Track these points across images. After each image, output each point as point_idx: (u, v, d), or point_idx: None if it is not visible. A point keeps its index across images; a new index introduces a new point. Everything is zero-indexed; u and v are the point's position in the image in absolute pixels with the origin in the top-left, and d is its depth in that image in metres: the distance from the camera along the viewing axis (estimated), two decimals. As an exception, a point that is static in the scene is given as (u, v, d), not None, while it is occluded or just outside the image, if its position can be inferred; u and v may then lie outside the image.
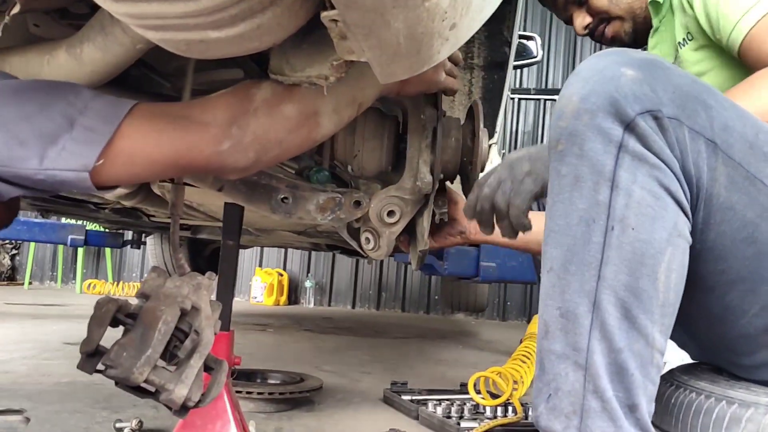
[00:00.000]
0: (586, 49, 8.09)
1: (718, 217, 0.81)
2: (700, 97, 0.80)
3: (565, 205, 0.80)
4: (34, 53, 0.93)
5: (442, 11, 0.59)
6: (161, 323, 0.86)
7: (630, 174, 0.76)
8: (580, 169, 0.79)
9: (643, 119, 0.76)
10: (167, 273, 0.96)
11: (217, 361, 0.99)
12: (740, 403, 0.86)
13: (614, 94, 0.76)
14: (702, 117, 0.79)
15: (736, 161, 0.80)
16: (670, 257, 0.78)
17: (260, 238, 3.28)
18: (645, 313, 0.78)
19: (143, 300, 0.92)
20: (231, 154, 0.81)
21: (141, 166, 0.76)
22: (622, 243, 0.77)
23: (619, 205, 0.76)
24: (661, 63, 0.81)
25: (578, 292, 0.79)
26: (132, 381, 0.84)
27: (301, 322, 5.28)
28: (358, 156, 1.23)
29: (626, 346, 0.77)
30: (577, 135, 0.78)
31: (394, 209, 1.16)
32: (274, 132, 0.84)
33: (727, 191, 0.80)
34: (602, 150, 0.77)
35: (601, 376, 0.77)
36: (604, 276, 0.77)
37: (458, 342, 4.56)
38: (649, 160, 0.76)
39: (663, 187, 0.77)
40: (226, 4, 0.60)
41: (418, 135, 1.18)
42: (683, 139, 0.78)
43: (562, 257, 0.81)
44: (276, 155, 0.87)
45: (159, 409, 1.95)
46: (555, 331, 0.81)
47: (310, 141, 0.90)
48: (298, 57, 0.81)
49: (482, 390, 2.16)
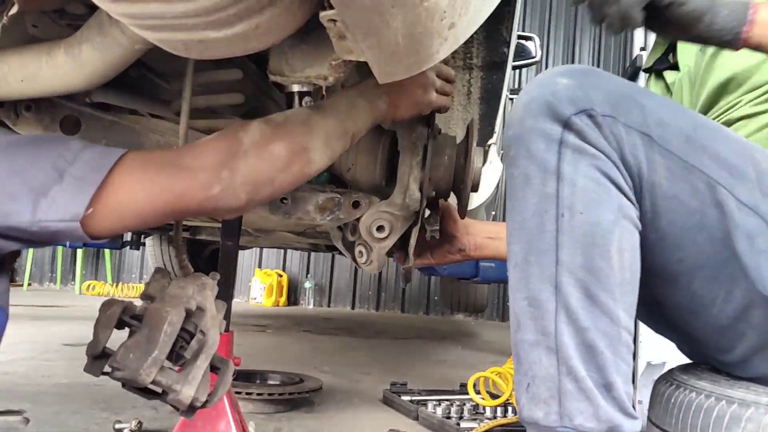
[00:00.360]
0: (584, 49, 8.10)
1: (664, 205, 0.86)
2: (634, 97, 0.85)
3: (519, 203, 0.86)
4: (33, 54, 0.93)
5: (440, 11, 0.59)
6: (167, 324, 0.86)
7: (572, 166, 0.82)
8: (528, 168, 0.85)
9: (578, 118, 0.82)
10: (171, 274, 0.96)
11: (223, 360, 0.99)
12: (740, 402, 0.86)
13: (550, 99, 0.84)
14: (635, 114, 0.84)
15: (673, 153, 0.85)
16: (620, 237, 0.82)
17: (259, 238, 3.27)
18: (605, 291, 0.81)
19: (148, 301, 0.92)
20: (222, 197, 0.82)
21: (132, 214, 0.78)
22: (573, 227, 0.82)
23: (566, 194, 0.82)
24: (595, 71, 0.88)
25: (540, 279, 0.83)
26: (139, 382, 0.84)
27: (300, 323, 5.28)
28: (352, 169, 1.23)
29: (592, 324, 0.81)
30: (523, 138, 0.85)
31: (383, 224, 1.15)
32: (265, 172, 0.85)
33: (668, 181, 0.85)
34: (545, 148, 0.83)
35: (572, 357, 0.80)
36: (561, 260, 0.82)
37: (458, 342, 4.56)
38: (588, 152, 0.82)
39: (604, 174, 0.82)
40: (225, 4, 0.60)
41: (410, 152, 1.18)
42: (619, 133, 0.83)
43: (522, 251, 0.85)
44: (269, 193, 0.87)
45: (158, 410, 1.95)
46: (525, 321, 0.84)
47: (303, 176, 0.91)
48: (297, 57, 0.81)
49: (482, 390, 2.16)
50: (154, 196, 0.78)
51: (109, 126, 1.14)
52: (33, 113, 1.11)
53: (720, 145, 0.87)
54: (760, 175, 0.86)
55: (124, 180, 0.76)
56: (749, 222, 0.85)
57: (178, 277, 0.96)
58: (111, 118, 1.15)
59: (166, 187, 0.79)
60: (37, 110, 1.11)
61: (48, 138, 0.78)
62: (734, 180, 0.85)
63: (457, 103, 1.99)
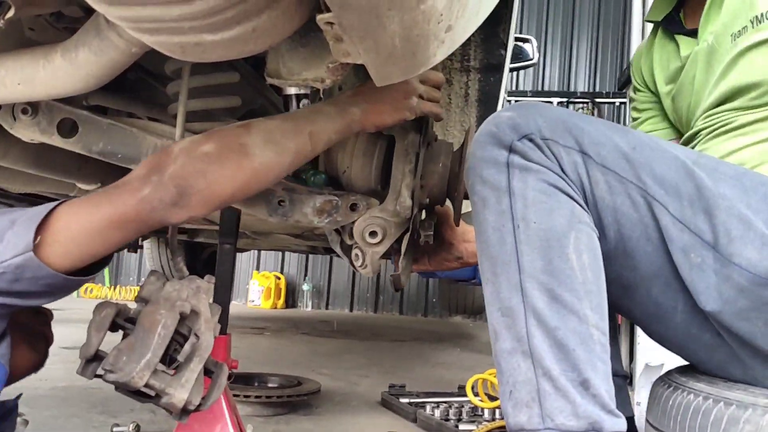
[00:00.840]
0: (581, 51, 8.12)
1: (609, 218, 0.91)
2: (572, 122, 0.92)
3: (481, 224, 0.92)
4: (30, 57, 0.93)
5: (437, 13, 0.59)
6: (160, 327, 0.86)
7: (521, 182, 0.89)
8: (484, 192, 0.92)
9: (520, 142, 0.90)
10: (166, 277, 0.96)
11: (217, 364, 0.99)
12: (738, 404, 0.86)
13: (494, 129, 0.92)
14: (573, 136, 0.91)
15: (611, 169, 0.90)
16: (576, 239, 0.87)
17: (257, 241, 3.27)
18: (568, 291, 0.85)
19: (142, 304, 0.92)
20: (154, 195, 0.87)
21: (80, 235, 0.84)
22: (529, 235, 0.87)
23: (519, 207, 0.88)
24: (536, 105, 0.96)
25: (508, 288, 0.88)
26: (132, 385, 0.84)
27: (298, 325, 5.27)
28: (347, 172, 1.23)
29: (560, 324, 0.84)
30: (476, 168, 0.93)
31: (376, 230, 1.15)
32: (194, 166, 0.90)
33: (609, 195, 0.90)
34: (496, 172, 0.90)
35: (545, 357, 0.83)
36: (523, 267, 0.87)
37: (456, 344, 4.56)
38: (533, 168, 0.89)
39: (551, 185, 0.88)
40: (221, 8, 0.60)
41: (403, 159, 1.18)
42: (559, 152, 0.90)
43: (490, 266, 0.91)
44: (205, 186, 0.90)
45: (156, 413, 1.94)
46: (501, 331, 0.88)
47: (244, 168, 0.93)
48: (295, 60, 0.81)
49: (480, 392, 2.15)
50: (93, 211, 0.86)
51: (106, 129, 1.14)
52: (30, 116, 1.11)
53: (657, 164, 0.91)
54: (700, 191, 0.89)
55: (65, 210, 0.85)
56: (683, 237, 0.89)
57: (172, 280, 0.96)
58: (108, 121, 1.14)
59: (102, 202, 0.87)
60: (34, 113, 1.11)
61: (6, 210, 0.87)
62: (669, 196, 0.89)
63: (455, 106, 1.99)
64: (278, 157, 0.96)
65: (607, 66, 8.08)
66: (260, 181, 0.97)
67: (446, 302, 5.46)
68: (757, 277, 0.86)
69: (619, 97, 7.42)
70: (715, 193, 0.89)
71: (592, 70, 8.16)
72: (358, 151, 1.22)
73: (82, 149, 1.14)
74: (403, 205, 1.14)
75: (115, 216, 0.86)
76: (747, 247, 0.87)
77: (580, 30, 8.14)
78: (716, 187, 0.90)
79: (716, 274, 0.87)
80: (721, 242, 0.87)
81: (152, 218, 0.88)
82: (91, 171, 1.44)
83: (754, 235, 0.87)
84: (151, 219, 0.88)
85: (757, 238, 0.87)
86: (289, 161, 0.98)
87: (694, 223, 0.88)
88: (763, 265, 0.86)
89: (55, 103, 1.12)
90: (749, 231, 0.87)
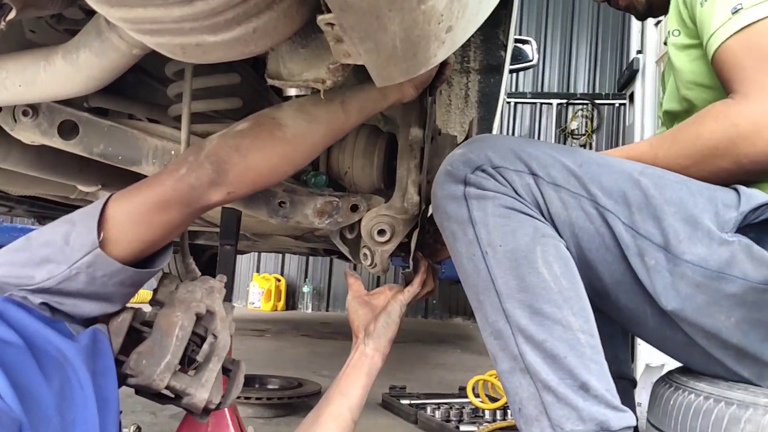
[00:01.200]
0: (581, 52, 8.12)
1: (568, 232, 0.94)
2: (519, 149, 0.97)
3: (456, 257, 0.98)
4: (31, 59, 0.93)
5: (438, 14, 0.59)
6: (178, 329, 0.86)
7: (480, 211, 0.94)
8: (451, 226, 0.97)
9: (473, 174, 0.95)
10: (179, 279, 0.96)
11: (234, 362, 0.99)
12: (739, 404, 0.86)
13: (449, 168, 0.98)
14: (522, 161, 0.95)
15: (562, 186, 0.94)
16: (542, 252, 0.91)
17: (258, 243, 3.27)
18: (547, 303, 0.89)
19: (158, 307, 0.92)
20: (190, 174, 0.89)
21: (136, 224, 0.87)
22: (498, 259, 0.92)
23: (483, 235, 0.93)
24: (486, 137, 1.03)
25: (493, 312, 0.92)
26: (154, 388, 0.84)
27: (298, 327, 5.27)
28: (349, 172, 1.23)
29: (547, 336, 0.88)
30: (439, 206, 0.99)
31: (384, 228, 1.15)
32: (227, 144, 0.92)
33: (564, 210, 0.94)
34: (457, 206, 0.96)
35: (539, 371, 0.87)
36: (500, 290, 0.91)
37: (456, 346, 4.56)
38: (489, 196, 0.94)
39: (509, 208, 0.93)
40: (222, 9, 0.60)
41: (407, 155, 1.18)
42: (511, 177, 0.94)
43: (473, 294, 0.96)
44: (240, 161, 0.91)
45: (157, 415, 1.94)
46: (497, 353, 0.93)
47: (276, 138, 0.94)
48: (295, 61, 0.81)
49: (481, 393, 2.15)
50: (135, 197, 0.88)
51: (107, 131, 1.14)
52: (31, 118, 1.11)
53: (604, 177, 0.95)
54: (647, 198, 0.92)
55: (112, 200, 0.87)
56: (636, 242, 0.92)
57: (185, 282, 0.96)
58: (109, 123, 1.15)
59: (142, 187, 0.89)
60: (35, 115, 1.11)
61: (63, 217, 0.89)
62: (618, 206, 0.93)
63: (455, 107, 1.99)
64: (310, 125, 0.97)
65: (607, 67, 8.09)
66: (297, 150, 0.97)
67: (446, 304, 5.46)
68: (708, 271, 0.89)
69: (618, 98, 7.43)
70: (661, 199, 0.92)
71: (591, 71, 8.17)
72: (358, 150, 1.22)
73: (83, 151, 1.15)
74: (410, 201, 1.14)
75: (156, 198, 0.87)
76: (696, 245, 0.89)
77: (579, 31, 8.14)
78: (662, 193, 0.93)
79: (671, 274, 0.90)
80: (672, 243, 0.90)
81: (192, 198, 0.89)
82: (92, 173, 1.44)
83: (701, 233, 0.90)
84: (191, 199, 0.89)
85: (704, 235, 0.90)
86: (324, 130, 0.98)
87: (645, 228, 0.92)
88: (713, 259, 0.89)
89: (55, 104, 1.12)
90: (696, 230, 0.90)
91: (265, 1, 0.62)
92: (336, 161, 1.26)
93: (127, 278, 0.86)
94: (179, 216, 0.89)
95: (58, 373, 0.73)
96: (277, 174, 0.97)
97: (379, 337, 1.15)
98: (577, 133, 7.93)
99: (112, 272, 0.84)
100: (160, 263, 0.93)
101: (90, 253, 0.82)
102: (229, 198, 0.93)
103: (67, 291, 0.82)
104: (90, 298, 0.84)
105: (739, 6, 1.01)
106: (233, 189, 0.91)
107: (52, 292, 0.82)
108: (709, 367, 0.97)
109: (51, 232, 0.85)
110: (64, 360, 0.75)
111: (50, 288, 0.81)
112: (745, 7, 1.00)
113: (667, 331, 0.95)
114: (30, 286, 0.81)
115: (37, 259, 0.82)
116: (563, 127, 8.02)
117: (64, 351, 0.75)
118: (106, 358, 0.82)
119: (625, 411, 0.87)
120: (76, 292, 0.83)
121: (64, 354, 0.75)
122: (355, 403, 1.09)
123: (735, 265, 0.88)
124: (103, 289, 0.84)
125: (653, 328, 0.96)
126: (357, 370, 1.12)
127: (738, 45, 1.01)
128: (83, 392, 0.74)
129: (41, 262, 0.82)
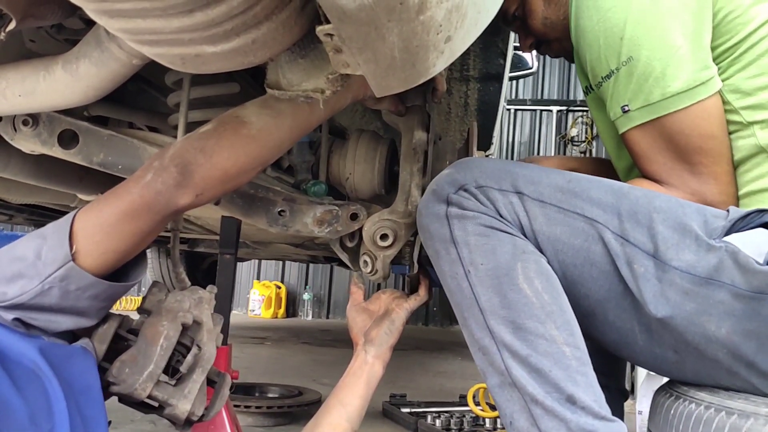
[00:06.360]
0: (581, 59, 8.12)
1: (551, 248, 0.95)
2: (506, 169, 0.99)
3: (441, 276, 0.99)
4: (31, 69, 0.93)
5: (437, 24, 0.59)
6: (163, 339, 0.86)
7: (461, 230, 0.96)
8: (435, 245, 0.99)
9: (456, 194, 0.97)
10: (168, 288, 0.96)
11: (220, 374, 0.99)
12: (739, 413, 0.85)
13: (435, 187, 1.01)
14: (508, 180, 0.98)
15: (548, 203, 0.96)
16: (523, 269, 0.92)
17: (258, 250, 3.27)
18: (530, 318, 0.90)
19: (145, 315, 0.92)
20: (156, 177, 0.87)
21: (108, 235, 0.85)
22: (480, 277, 0.94)
23: (465, 254, 0.95)
24: (474, 159, 1.04)
25: (478, 329, 0.94)
26: (135, 397, 0.84)
27: (299, 334, 5.26)
28: (350, 178, 1.23)
29: (531, 351, 0.89)
30: (423, 225, 1.02)
31: (387, 232, 1.15)
32: (191, 145, 0.90)
33: (548, 227, 0.95)
34: (440, 225, 0.98)
35: (525, 385, 0.89)
36: (484, 308, 0.93)
37: (457, 354, 4.55)
38: (469, 215, 0.96)
39: (488, 227, 0.95)
40: (221, 19, 0.60)
41: (410, 159, 1.18)
42: (494, 196, 0.96)
43: (459, 312, 0.98)
44: (206, 160, 0.89)
45: (156, 424, 1.94)
46: (486, 369, 0.94)
47: (241, 136, 0.92)
48: (294, 71, 0.81)
49: (482, 402, 2.15)
50: (103, 207, 0.86)
51: (106, 140, 1.15)
52: (31, 128, 1.11)
53: (592, 191, 0.97)
54: (636, 208, 0.94)
55: (81, 213, 0.85)
56: (626, 251, 0.92)
57: (174, 291, 0.96)
58: (109, 132, 1.15)
59: (109, 196, 0.87)
60: (35, 125, 1.11)
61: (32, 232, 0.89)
62: (607, 215, 0.94)
63: (455, 115, 2.00)
64: (275, 120, 0.94)
65: (607, 74, 8.09)
66: (264, 147, 0.94)
67: (447, 311, 5.45)
68: (696, 278, 0.89)
69: (618, 105, 7.42)
70: (650, 208, 0.93)
71: (591, 78, 8.17)
72: (359, 156, 1.22)
73: (83, 160, 1.15)
74: (414, 204, 1.14)
75: (124, 208, 0.86)
76: (684, 251, 0.90)
77: (579, 39, 8.16)
78: (651, 202, 0.94)
79: (660, 281, 0.90)
80: (660, 249, 0.91)
81: (160, 203, 0.87)
82: (92, 182, 1.45)
83: (690, 240, 0.91)
84: (158, 204, 0.87)
85: (692, 242, 0.90)
86: (289, 123, 0.95)
87: (634, 235, 0.92)
88: (700, 265, 0.89)
89: (55, 114, 1.12)
90: (685, 237, 0.91)
91: (264, 12, 0.63)
92: (336, 167, 1.26)
93: (102, 292, 0.85)
94: (149, 223, 0.87)
95: (33, 383, 0.72)
96: (245, 172, 0.94)
97: (381, 344, 1.15)
98: (578, 139, 7.94)
99: (86, 285, 0.83)
100: (134, 277, 0.92)
101: (63, 266, 0.81)
102: (198, 201, 0.91)
103: (40, 306, 0.81)
104: (64, 312, 0.83)
105: (626, 108, 1.12)
106: (201, 191, 0.89)
107: (25, 307, 0.80)
108: (702, 381, 0.97)
109: (22, 247, 0.84)
110: (39, 371, 0.74)
111: (23, 303, 0.80)
112: (632, 109, 1.11)
113: (656, 350, 0.95)
114: (2, 303, 0.80)
115: (8, 274, 0.81)
116: (563, 134, 8.03)
117: (39, 363, 0.74)
118: (87, 376, 0.81)
119: (614, 421, 0.88)
120: (50, 307, 0.82)
121: (39, 366, 0.74)
122: (354, 412, 1.08)
123: (723, 272, 0.88)
124: (77, 303, 0.83)
125: (642, 347, 0.96)
126: (356, 378, 1.12)
127: (640, 137, 1.12)
128: (61, 404, 0.73)
129: (13, 278, 0.81)
